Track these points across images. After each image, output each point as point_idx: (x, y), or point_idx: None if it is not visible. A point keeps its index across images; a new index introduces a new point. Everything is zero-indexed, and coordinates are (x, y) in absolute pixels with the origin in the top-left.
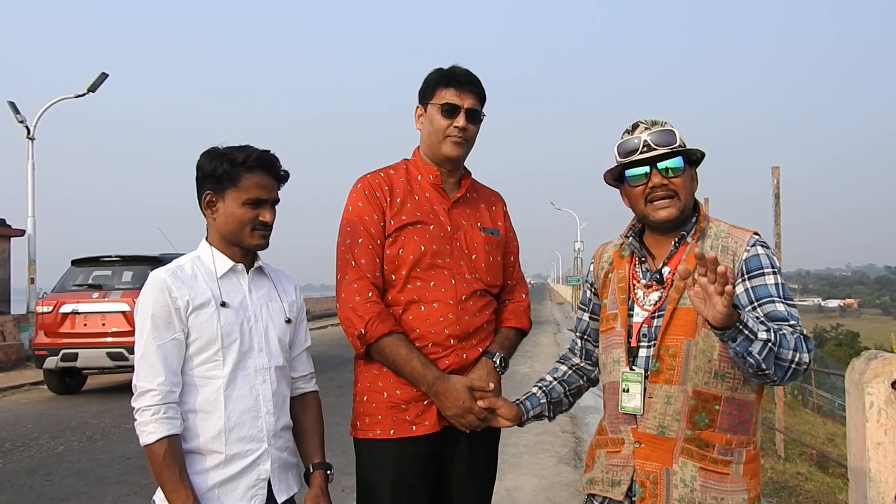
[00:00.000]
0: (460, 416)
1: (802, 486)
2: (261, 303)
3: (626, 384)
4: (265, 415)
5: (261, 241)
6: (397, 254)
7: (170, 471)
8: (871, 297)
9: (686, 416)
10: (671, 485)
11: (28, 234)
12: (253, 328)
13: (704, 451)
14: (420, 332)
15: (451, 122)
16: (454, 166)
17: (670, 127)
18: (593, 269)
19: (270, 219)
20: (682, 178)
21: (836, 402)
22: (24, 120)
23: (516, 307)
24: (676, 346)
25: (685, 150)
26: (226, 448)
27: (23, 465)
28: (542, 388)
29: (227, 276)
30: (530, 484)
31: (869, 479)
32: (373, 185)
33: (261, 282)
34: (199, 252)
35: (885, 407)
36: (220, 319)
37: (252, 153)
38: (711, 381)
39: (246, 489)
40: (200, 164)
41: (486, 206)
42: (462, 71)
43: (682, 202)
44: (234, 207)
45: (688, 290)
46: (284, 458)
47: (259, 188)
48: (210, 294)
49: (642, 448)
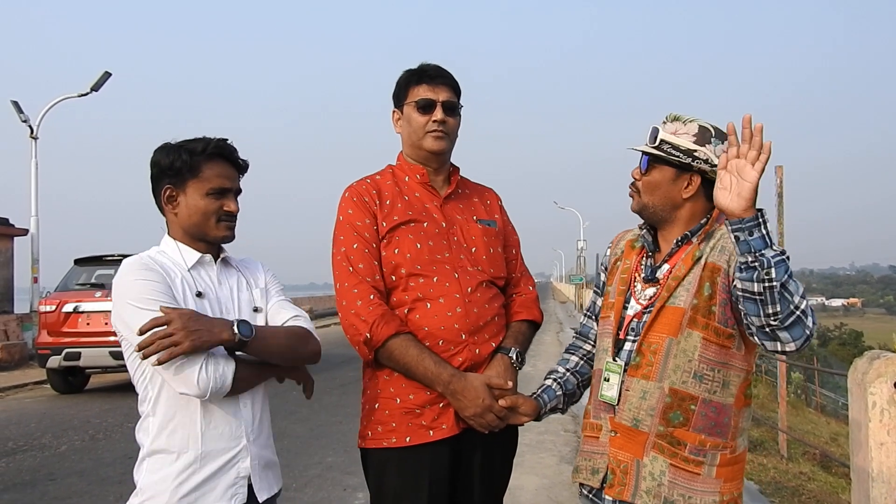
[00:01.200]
0: (479, 416)
1: (805, 486)
2: (231, 294)
3: (608, 373)
4: (243, 409)
5: (227, 232)
6: (394, 254)
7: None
8: (874, 297)
9: (660, 413)
10: (640, 476)
11: (31, 234)
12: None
13: (676, 448)
14: (429, 330)
15: (429, 118)
16: (440, 162)
17: (682, 126)
18: (609, 254)
19: (235, 208)
20: (649, 176)
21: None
22: (27, 119)
23: (525, 299)
24: (658, 343)
25: (656, 152)
26: (202, 446)
27: (26, 464)
28: (556, 380)
29: (195, 267)
30: (532, 483)
31: (872, 479)
32: (360, 191)
33: (228, 273)
34: (162, 247)
35: (887, 407)
36: (198, 310)
37: (211, 142)
38: (690, 380)
39: (225, 488)
40: (156, 159)
41: (480, 201)
42: (432, 66)
43: (644, 200)
44: (197, 199)
45: (718, 174)
46: (265, 455)
47: (221, 177)
48: (184, 284)
49: (617, 437)
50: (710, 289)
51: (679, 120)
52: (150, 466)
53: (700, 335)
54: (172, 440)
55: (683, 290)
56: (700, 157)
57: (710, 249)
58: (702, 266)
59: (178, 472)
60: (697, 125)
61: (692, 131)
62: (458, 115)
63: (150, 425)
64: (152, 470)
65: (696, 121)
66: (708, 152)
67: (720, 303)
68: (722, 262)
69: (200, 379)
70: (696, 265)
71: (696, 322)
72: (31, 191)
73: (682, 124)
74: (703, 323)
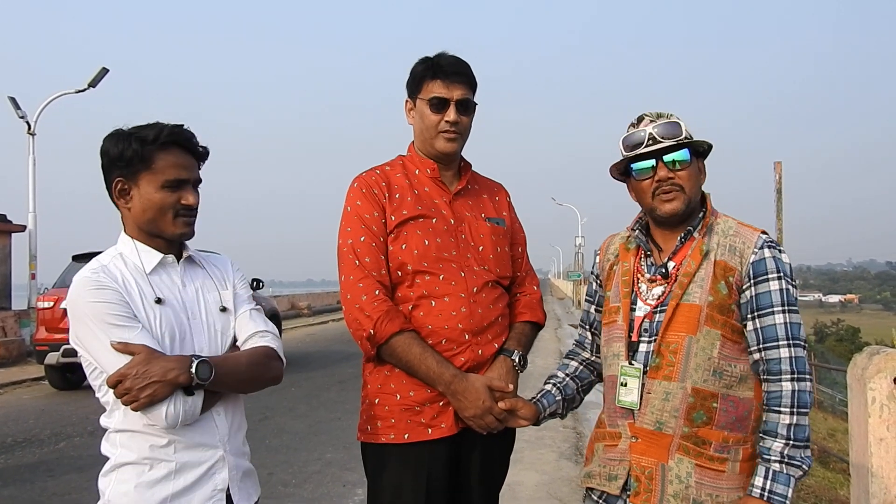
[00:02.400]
0: (479, 418)
1: (804, 482)
2: (196, 296)
3: (625, 378)
4: (216, 417)
5: (185, 228)
6: (401, 249)
7: None
8: (871, 293)
9: (684, 414)
10: (666, 480)
11: (29, 230)
12: (192, 325)
13: (701, 448)
14: (433, 328)
15: (441, 117)
16: (450, 159)
17: (676, 119)
18: (599, 261)
19: (194, 201)
20: (688, 170)
21: (837, 397)
22: (24, 115)
23: (529, 300)
24: (678, 343)
25: (691, 142)
26: (175, 456)
27: (24, 460)
28: (556, 384)
29: (156, 270)
30: (531, 479)
31: (871, 475)
32: (370, 183)
33: (194, 272)
34: (119, 248)
35: (887, 402)
36: (159, 319)
37: (164, 129)
38: (710, 378)
39: (202, 501)
40: (105, 148)
41: (490, 197)
42: (448, 60)
43: (688, 195)
44: (151, 193)
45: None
46: (243, 464)
47: (177, 168)
48: (142, 293)
49: (639, 443)
50: (727, 287)
51: (663, 116)
52: (120, 476)
53: (719, 333)
54: (142, 451)
55: (696, 287)
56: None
57: (717, 246)
58: (712, 262)
59: (149, 484)
60: (676, 117)
61: (681, 122)
62: (473, 112)
63: (119, 439)
64: (122, 480)
65: (672, 114)
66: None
67: (736, 301)
68: (735, 264)
69: (168, 414)
70: (705, 260)
71: (713, 320)
72: (29, 187)
73: (668, 118)
74: (722, 321)
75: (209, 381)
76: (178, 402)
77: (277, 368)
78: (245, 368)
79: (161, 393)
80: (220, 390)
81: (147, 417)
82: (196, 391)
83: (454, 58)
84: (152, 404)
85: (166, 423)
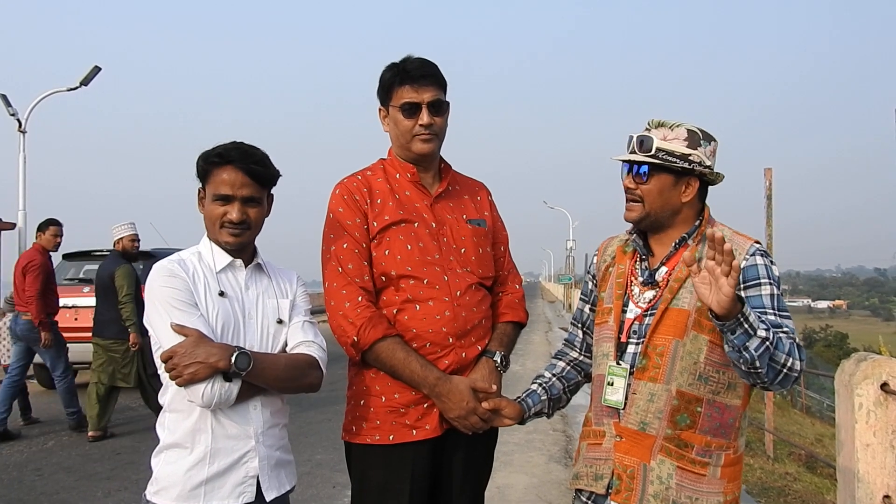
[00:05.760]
0: (464, 418)
1: (791, 487)
2: (256, 300)
3: (612, 378)
4: (252, 411)
5: (230, 238)
6: (384, 255)
7: None
8: (860, 299)
9: (667, 416)
10: (647, 480)
11: (19, 228)
12: (246, 324)
13: (683, 450)
14: (417, 332)
15: (415, 122)
16: (429, 161)
17: (669, 130)
18: (596, 261)
19: (236, 217)
20: (649, 185)
21: (825, 402)
22: (15, 113)
23: (511, 299)
24: (664, 346)
25: (654, 161)
26: (212, 443)
27: (12, 459)
28: (542, 384)
29: (224, 270)
30: (521, 482)
31: (858, 480)
32: (351, 189)
33: (259, 278)
34: (199, 248)
35: (874, 408)
36: (217, 311)
37: (219, 147)
38: (695, 382)
39: (233, 486)
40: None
41: (471, 198)
42: (415, 64)
43: (647, 209)
44: (208, 204)
45: (692, 278)
46: (276, 455)
47: (224, 184)
48: (207, 285)
49: (623, 442)
50: None
51: (665, 125)
52: (167, 458)
53: (706, 338)
54: (186, 436)
55: (686, 293)
56: (695, 161)
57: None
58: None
59: (189, 466)
60: (685, 129)
61: (682, 136)
62: (446, 112)
63: (167, 420)
64: (168, 461)
65: (682, 125)
66: (701, 155)
67: None
68: None
69: (205, 393)
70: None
71: (701, 325)
72: (19, 185)
73: (670, 129)
74: (710, 326)
75: (246, 371)
76: (216, 385)
77: (316, 377)
78: (283, 370)
79: (202, 374)
80: (256, 384)
81: (187, 393)
82: (234, 379)
83: (420, 60)
84: (193, 382)
85: (202, 402)
